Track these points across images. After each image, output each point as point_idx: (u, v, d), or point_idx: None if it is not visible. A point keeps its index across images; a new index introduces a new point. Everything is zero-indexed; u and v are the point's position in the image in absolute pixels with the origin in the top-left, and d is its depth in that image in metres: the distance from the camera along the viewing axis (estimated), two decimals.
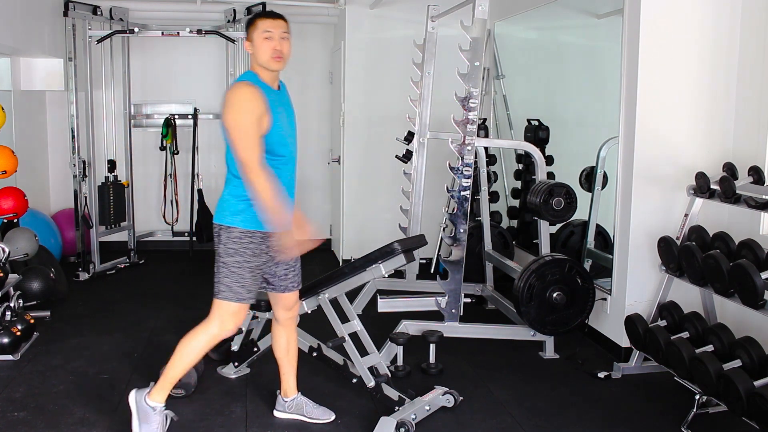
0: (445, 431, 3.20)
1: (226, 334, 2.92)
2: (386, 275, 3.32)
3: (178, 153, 6.68)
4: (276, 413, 3.28)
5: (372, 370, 3.34)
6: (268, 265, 2.97)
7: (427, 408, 3.26)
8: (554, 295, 3.98)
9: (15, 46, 5.19)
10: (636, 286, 3.97)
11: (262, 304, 3.55)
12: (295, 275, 3.10)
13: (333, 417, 3.24)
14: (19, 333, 3.99)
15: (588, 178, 4.73)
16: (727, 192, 3.38)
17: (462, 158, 4.01)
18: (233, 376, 3.73)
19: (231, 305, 2.87)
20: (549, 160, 5.07)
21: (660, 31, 3.80)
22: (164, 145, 6.60)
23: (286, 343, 3.22)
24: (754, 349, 3.18)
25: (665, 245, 3.70)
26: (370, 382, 3.30)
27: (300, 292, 3.46)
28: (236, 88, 2.74)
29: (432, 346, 3.89)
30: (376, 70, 6.26)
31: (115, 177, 6.29)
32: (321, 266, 6.32)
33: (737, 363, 3.14)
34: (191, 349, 2.89)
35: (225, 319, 2.88)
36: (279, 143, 2.81)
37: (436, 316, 4.09)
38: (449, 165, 4.05)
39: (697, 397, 3.23)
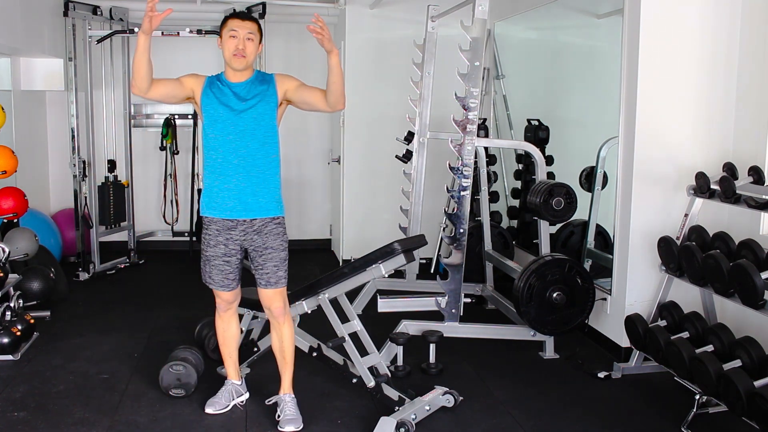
0: (445, 431, 3.20)
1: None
2: (386, 275, 3.32)
3: (178, 153, 6.67)
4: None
5: (372, 370, 3.34)
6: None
7: (427, 408, 3.26)
8: (554, 295, 3.97)
9: (15, 46, 5.18)
10: (636, 286, 3.97)
11: None
12: (268, 271, 3.11)
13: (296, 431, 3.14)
14: (19, 333, 3.99)
15: (588, 178, 4.73)
16: (727, 192, 3.38)
17: (462, 158, 4.01)
18: None
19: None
20: (549, 160, 5.06)
21: (660, 31, 3.80)
22: (164, 145, 6.60)
23: (278, 342, 3.22)
24: (754, 349, 3.18)
25: (665, 245, 3.70)
26: (370, 382, 3.30)
27: (300, 293, 3.46)
28: None
29: (432, 346, 3.89)
30: (376, 70, 6.26)
31: (115, 177, 6.30)
32: (321, 266, 6.32)
33: (737, 363, 3.14)
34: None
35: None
36: (209, 126, 3.07)
37: (436, 316, 4.09)
38: (449, 165, 4.05)
39: (697, 397, 3.23)
